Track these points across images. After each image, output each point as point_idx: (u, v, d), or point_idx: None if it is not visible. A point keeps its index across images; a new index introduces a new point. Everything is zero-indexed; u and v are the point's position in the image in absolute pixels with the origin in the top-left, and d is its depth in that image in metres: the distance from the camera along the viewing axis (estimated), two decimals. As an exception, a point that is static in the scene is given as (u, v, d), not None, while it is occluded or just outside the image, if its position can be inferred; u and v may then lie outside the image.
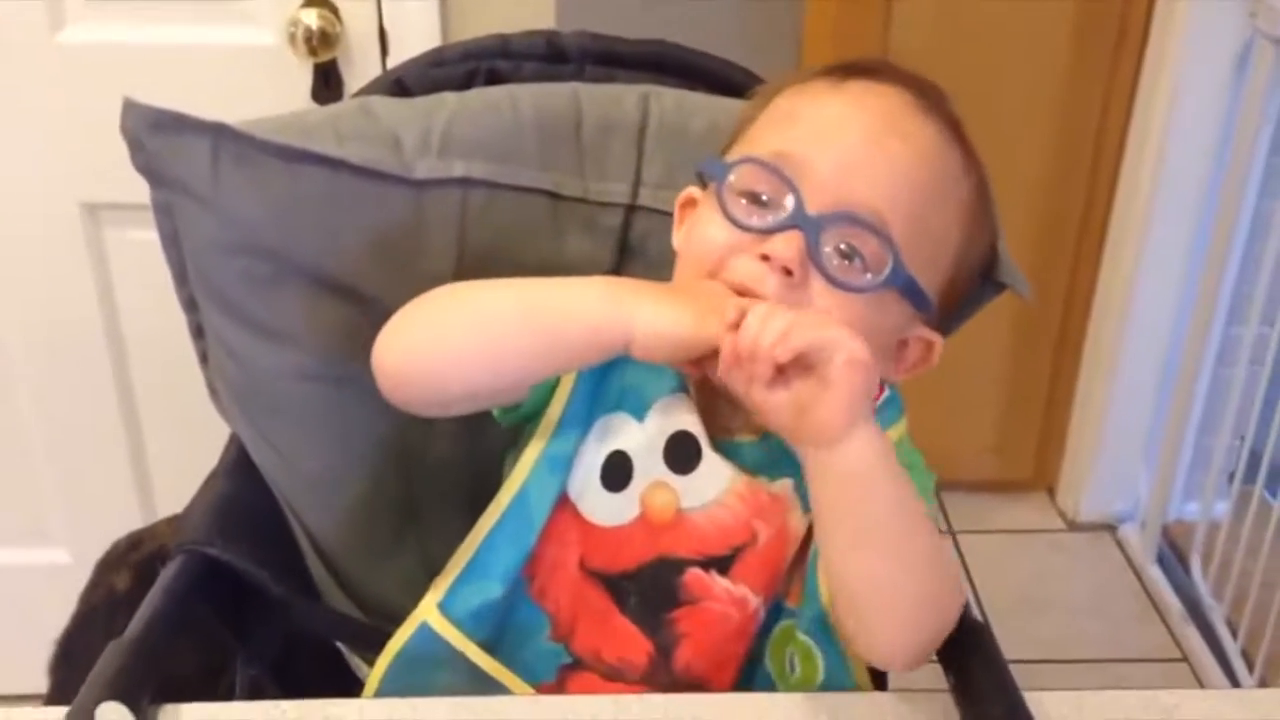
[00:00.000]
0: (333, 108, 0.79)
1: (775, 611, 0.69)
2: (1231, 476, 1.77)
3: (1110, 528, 2.01)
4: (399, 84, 0.81)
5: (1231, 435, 1.77)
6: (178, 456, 1.55)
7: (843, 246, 0.64)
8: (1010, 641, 0.66)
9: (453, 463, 0.77)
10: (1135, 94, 1.83)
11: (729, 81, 0.83)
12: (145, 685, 0.57)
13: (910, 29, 1.81)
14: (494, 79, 0.82)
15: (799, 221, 0.63)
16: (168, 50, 1.36)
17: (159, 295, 1.47)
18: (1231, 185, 1.71)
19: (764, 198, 0.65)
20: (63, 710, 0.57)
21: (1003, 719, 0.60)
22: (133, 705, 0.55)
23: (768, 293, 0.63)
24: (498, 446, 0.73)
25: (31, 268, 1.45)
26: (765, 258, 0.63)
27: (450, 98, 0.78)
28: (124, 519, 1.15)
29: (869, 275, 0.64)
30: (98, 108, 1.35)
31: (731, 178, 0.65)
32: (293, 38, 1.34)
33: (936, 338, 0.71)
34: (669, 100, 0.79)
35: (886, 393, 0.72)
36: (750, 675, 0.70)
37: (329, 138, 0.74)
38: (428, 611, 0.69)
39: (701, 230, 0.67)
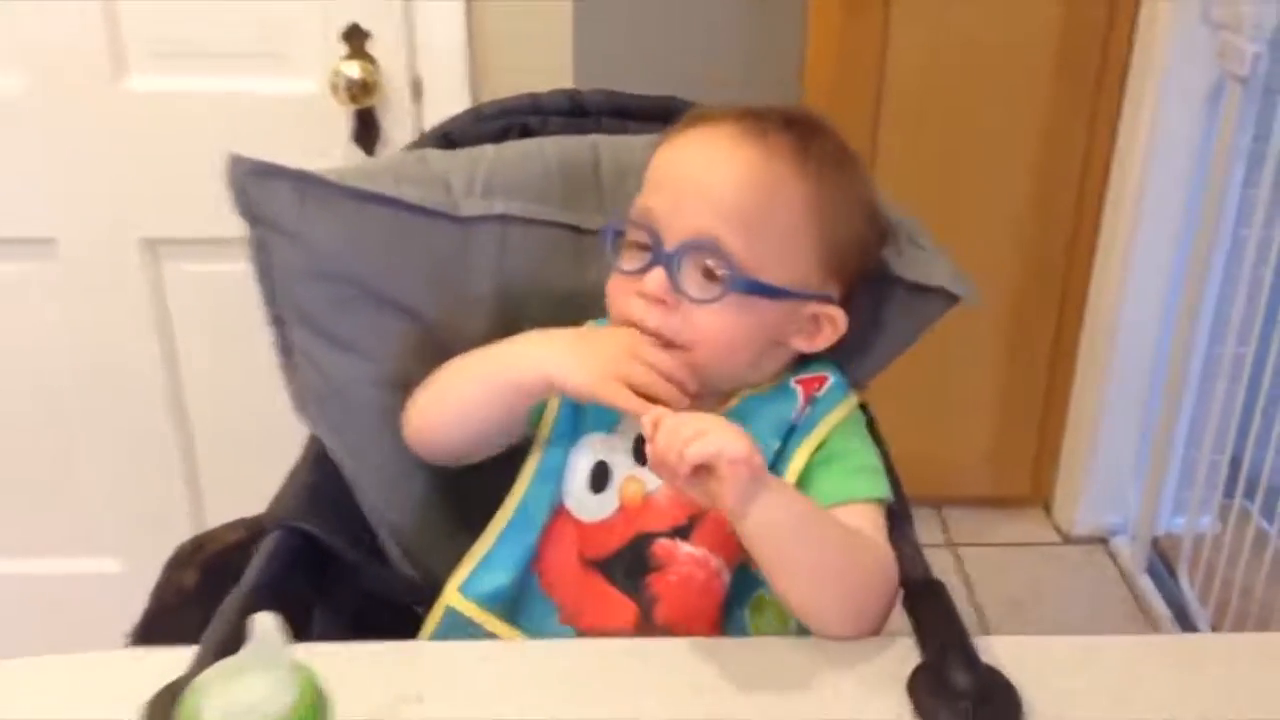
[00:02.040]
0: (393, 157, 0.96)
1: (752, 582, 0.84)
2: (1217, 490, 1.90)
3: (1103, 540, 2.15)
4: (447, 137, 0.98)
5: (1214, 451, 1.91)
6: (226, 472, 1.71)
7: (703, 267, 0.81)
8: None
9: (494, 461, 0.92)
10: (1118, 124, 1.97)
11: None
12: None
13: (906, 56, 1.95)
14: (525, 132, 0.98)
15: (659, 259, 0.81)
16: (222, 97, 1.52)
17: (210, 322, 1.65)
18: (1208, 215, 1.85)
19: (642, 242, 0.83)
20: (190, 650, 0.72)
21: (954, 655, 0.74)
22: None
23: (652, 324, 0.82)
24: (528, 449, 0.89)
25: (94, 297, 1.61)
26: (642, 295, 0.81)
27: (490, 149, 0.95)
28: (174, 530, 1.29)
29: (719, 284, 0.81)
30: (157, 150, 1.54)
31: (632, 235, 0.84)
32: (335, 87, 1.50)
33: (836, 311, 0.86)
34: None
35: (830, 380, 0.87)
36: (731, 632, 0.84)
37: (392, 182, 0.90)
38: (450, 596, 0.85)
39: (610, 284, 0.86)
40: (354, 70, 1.49)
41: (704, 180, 0.82)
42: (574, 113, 0.99)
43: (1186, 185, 1.91)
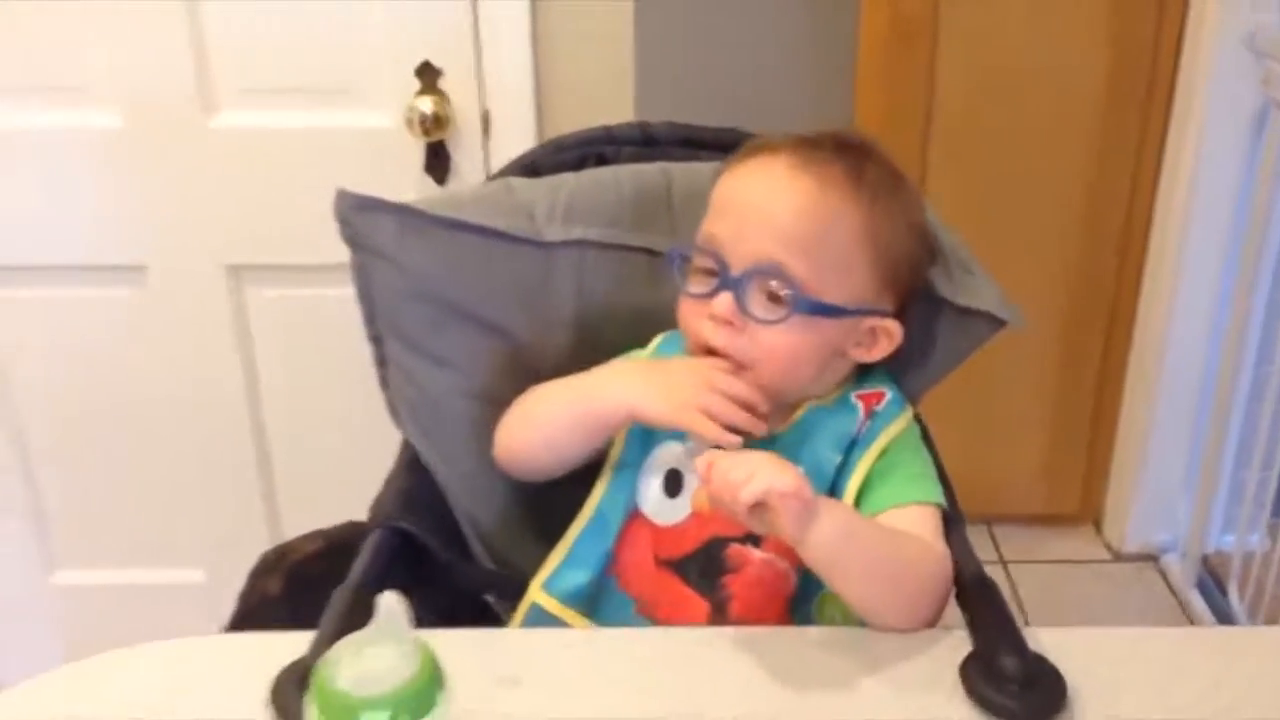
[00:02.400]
0: (481, 187, 1.04)
1: (817, 582, 0.91)
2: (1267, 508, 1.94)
3: (1153, 558, 2.19)
4: (530, 167, 1.07)
5: (1263, 469, 1.95)
6: (301, 488, 1.81)
7: (768, 290, 0.88)
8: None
9: (574, 472, 1.00)
10: (1164, 147, 2.03)
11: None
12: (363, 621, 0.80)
13: (954, 80, 2.03)
14: (601, 161, 1.07)
15: (726, 284, 0.88)
16: (302, 133, 1.62)
17: (288, 344, 1.74)
18: (1254, 236, 1.90)
19: (709, 268, 0.90)
20: (308, 634, 0.81)
21: (1004, 644, 0.81)
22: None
23: (721, 344, 0.89)
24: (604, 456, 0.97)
25: (182, 320, 1.71)
26: (712, 317, 0.89)
27: (569, 177, 1.03)
28: (254, 543, 1.36)
29: (784, 306, 0.88)
30: (242, 182, 1.64)
31: (699, 261, 0.92)
32: (409, 121, 1.60)
33: (892, 324, 0.93)
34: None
35: (888, 396, 0.94)
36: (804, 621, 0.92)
37: (481, 210, 0.99)
38: (535, 593, 0.93)
39: (680, 307, 0.93)
40: (427, 105, 1.59)
41: (765, 208, 0.90)
42: (645, 143, 1.07)
43: (1232, 207, 1.96)
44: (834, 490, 0.91)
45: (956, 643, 0.84)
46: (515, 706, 0.79)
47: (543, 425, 0.95)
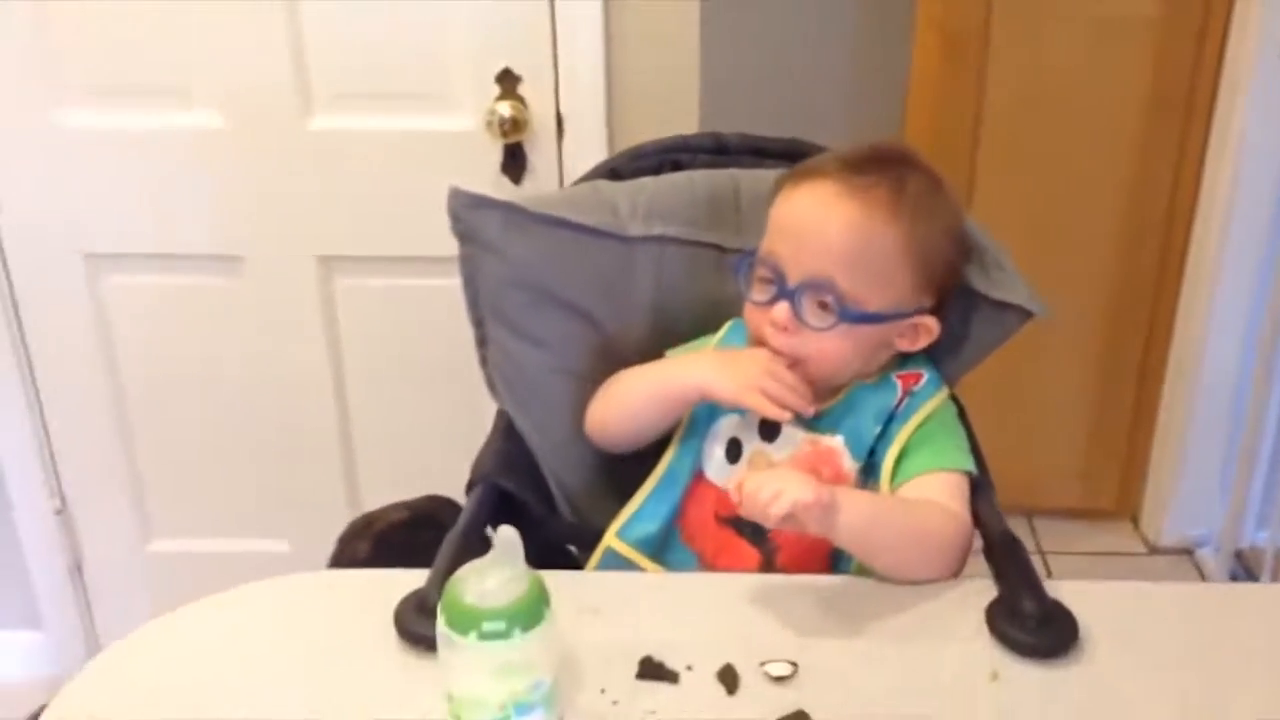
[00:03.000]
0: (572, 188, 1.20)
1: None
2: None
3: (1188, 552, 2.30)
4: (613, 171, 1.22)
5: (1295, 466, 2.07)
6: (380, 465, 1.97)
7: (819, 301, 1.03)
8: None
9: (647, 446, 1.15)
10: (1204, 157, 2.15)
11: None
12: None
13: (1001, 93, 2.16)
14: (676, 166, 1.22)
15: (783, 294, 1.04)
16: (390, 134, 1.78)
17: (372, 330, 1.90)
18: (1289, 242, 2.02)
19: (768, 278, 1.05)
20: (423, 573, 0.96)
21: (1024, 590, 0.95)
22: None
23: (778, 345, 1.04)
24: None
25: (274, 307, 1.87)
26: (772, 323, 1.04)
27: (649, 181, 1.18)
28: (334, 516, 1.51)
29: (831, 315, 1.03)
30: (334, 179, 1.80)
31: (758, 271, 1.07)
32: (489, 124, 1.75)
33: (931, 320, 1.08)
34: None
35: (925, 377, 1.09)
36: (838, 565, 1.06)
37: (574, 209, 1.14)
38: (610, 540, 1.09)
39: (746, 311, 1.09)
40: (506, 109, 1.74)
41: (817, 231, 1.04)
42: (716, 151, 1.22)
43: (1269, 212, 2.08)
44: (873, 456, 1.05)
45: (983, 589, 0.98)
46: (597, 632, 0.94)
47: (628, 403, 1.11)
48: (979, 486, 1.06)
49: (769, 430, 1.08)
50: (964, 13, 2.15)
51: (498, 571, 0.82)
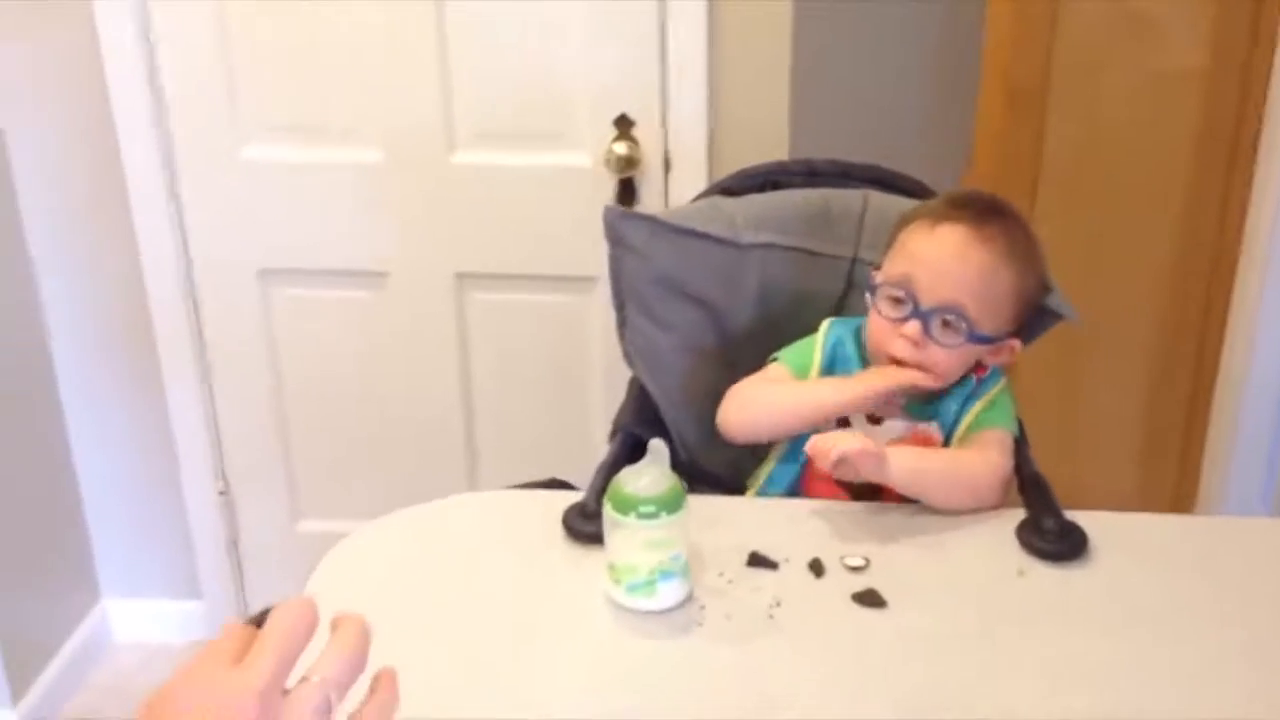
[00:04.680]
0: (696, 204, 1.57)
1: None
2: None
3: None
4: (726, 190, 1.60)
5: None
6: (500, 458, 2.34)
7: (945, 321, 1.35)
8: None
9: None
10: (1249, 200, 2.47)
11: (912, 189, 1.58)
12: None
13: (1061, 141, 2.50)
14: (776, 186, 1.59)
15: (916, 314, 1.36)
16: (522, 168, 2.16)
17: (500, 337, 2.27)
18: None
19: (900, 298, 1.37)
20: (578, 493, 1.32)
21: (1046, 512, 1.28)
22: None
23: (907, 354, 1.34)
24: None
25: (414, 318, 2.26)
26: (904, 336, 1.35)
27: (758, 197, 1.55)
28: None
29: (959, 335, 1.35)
30: (473, 206, 2.18)
31: (885, 290, 1.38)
32: (606, 161, 2.13)
33: (1017, 343, 1.41)
34: (877, 199, 1.54)
35: (990, 370, 1.41)
36: None
37: (698, 220, 1.51)
38: (752, 495, 1.44)
39: (872, 320, 1.40)
40: (621, 149, 2.12)
41: (954, 268, 1.35)
42: (809, 174, 1.59)
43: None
44: (955, 423, 1.40)
45: (1015, 515, 1.32)
46: (717, 536, 1.29)
47: (782, 421, 1.42)
48: (1020, 444, 1.41)
49: (875, 419, 1.42)
50: (1027, 65, 2.50)
51: (650, 471, 1.18)
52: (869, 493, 1.38)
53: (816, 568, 1.25)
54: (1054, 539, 1.27)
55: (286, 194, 2.20)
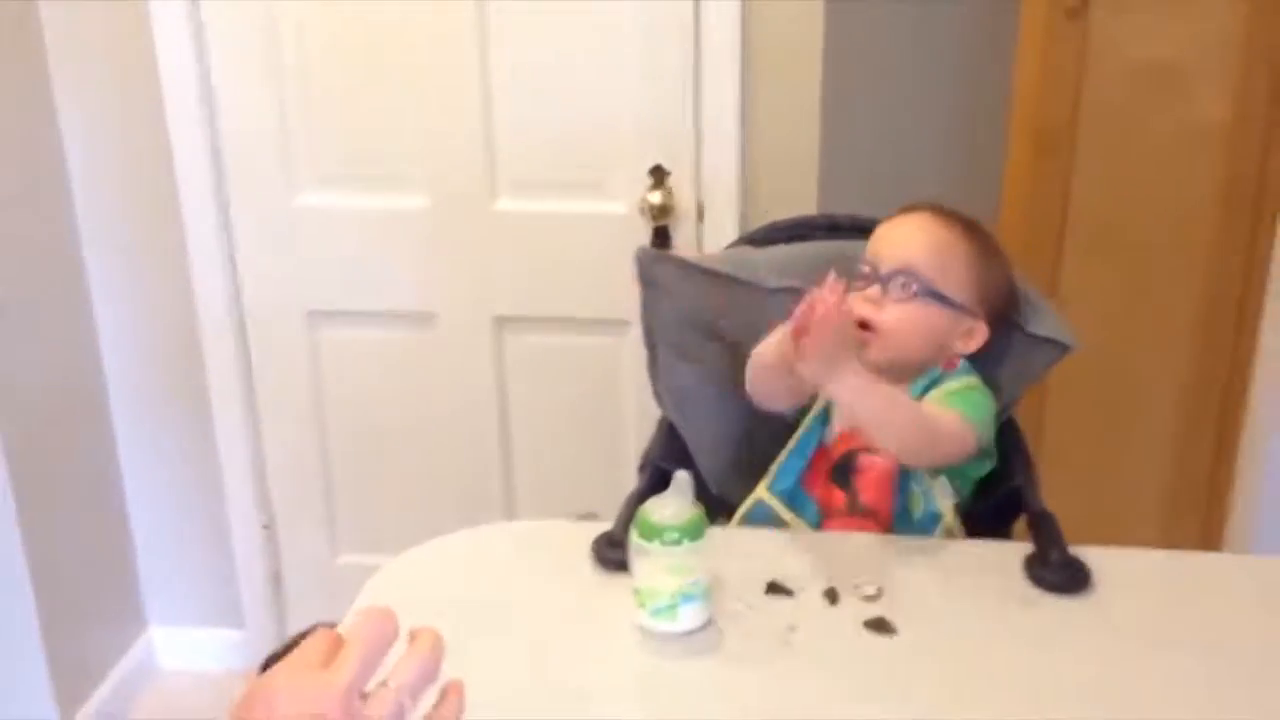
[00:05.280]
0: (725, 252, 1.68)
1: (907, 478, 1.46)
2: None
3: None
4: (752, 240, 1.70)
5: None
6: (537, 494, 2.44)
7: (902, 282, 1.46)
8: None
9: (771, 437, 1.58)
10: (1272, 251, 2.54)
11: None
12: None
13: (1088, 191, 2.58)
14: (800, 238, 1.68)
15: (876, 279, 1.47)
16: (561, 215, 2.28)
17: (536, 377, 2.37)
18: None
19: (866, 273, 1.48)
20: (605, 524, 1.41)
21: (1052, 547, 1.36)
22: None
23: (867, 314, 1.45)
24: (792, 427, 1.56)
25: (458, 356, 2.37)
26: (864, 297, 1.47)
27: (782, 248, 1.65)
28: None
29: (911, 290, 1.45)
30: (513, 251, 2.29)
31: (861, 269, 1.50)
32: (642, 210, 2.24)
33: (983, 327, 1.49)
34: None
35: (960, 364, 1.50)
36: (901, 507, 1.47)
37: (726, 265, 1.61)
38: (761, 492, 1.52)
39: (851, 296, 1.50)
40: (656, 198, 2.23)
41: (908, 236, 1.50)
42: (831, 227, 1.69)
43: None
44: None
45: (1022, 549, 1.41)
46: (737, 565, 1.38)
47: (751, 369, 1.52)
48: (1022, 476, 1.49)
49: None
50: (1055, 112, 2.59)
51: (674, 501, 1.27)
52: (848, 475, 1.49)
53: (831, 596, 1.34)
54: (1059, 571, 1.35)
55: (334, 239, 2.33)
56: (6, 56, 2.16)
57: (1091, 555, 1.38)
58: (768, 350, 1.48)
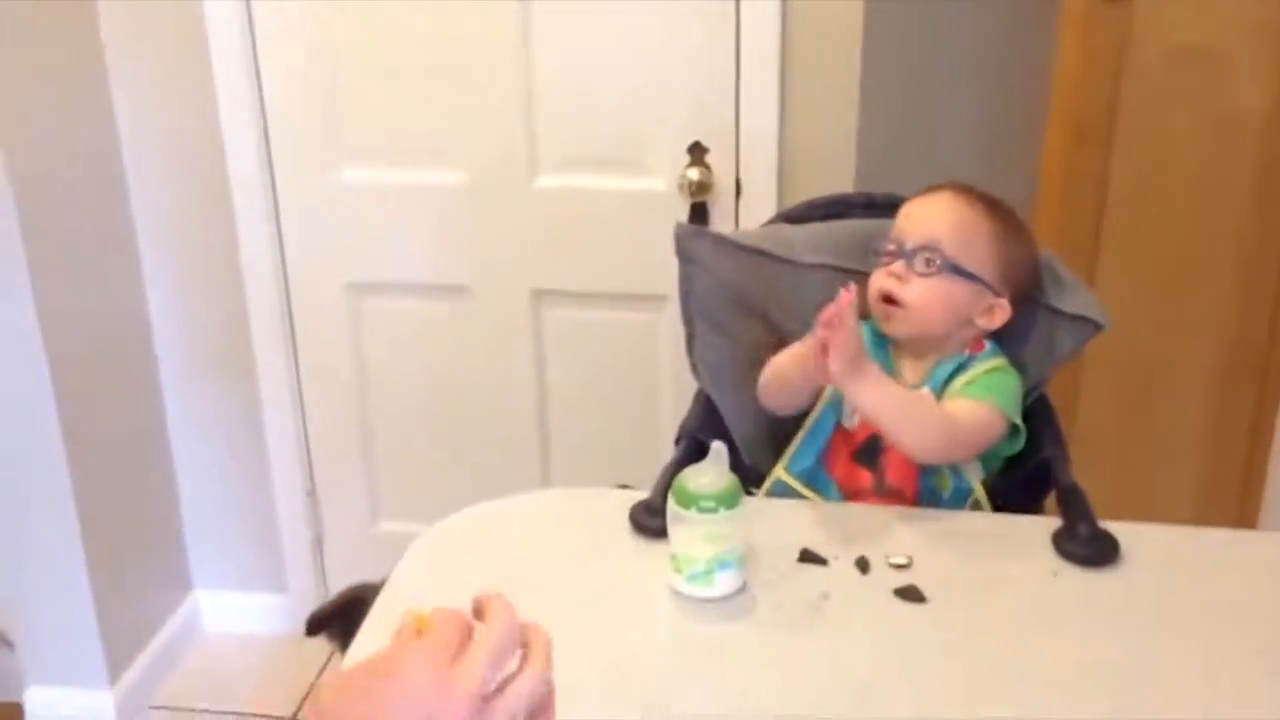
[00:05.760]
0: (763, 228, 1.70)
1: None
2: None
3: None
4: (789, 217, 1.72)
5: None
6: (571, 466, 2.47)
7: (926, 258, 1.48)
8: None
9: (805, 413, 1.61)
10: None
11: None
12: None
13: (1125, 180, 2.59)
14: (836, 215, 1.70)
15: (901, 254, 1.50)
16: (600, 192, 2.30)
17: (574, 352, 2.40)
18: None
19: (891, 250, 1.51)
20: (634, 494, 1.44)
21: (1080, 520, 1.38)
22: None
23: (892, 288, 1.48)
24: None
25: (493, 330, 2.40)
26: (889, 272, 1.50)
27: (817, 225, 1.67)
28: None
29: (935, 265, 1.47)
30: (552, 227, 2.32)
31: (887, 246, 1.52)
32: (681, 186, 2.26)
33: (1006, 303, 1.51)
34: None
35: (987, 347, 1.52)
36: (928, 486, 1.50)
37: (763, 241, 1.63)
38: (778, 472, 1.55)
39: (873, 273, 1.53)
40: (695, 175, 2.24)
41: (932, 213, 1.52)
42: (869, 205, 1.70)
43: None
44: (939, 395, 1.50)
45: (1051, 523, 1.42)
46: (770, 535, 1.40)
47: (768, 378, 1.56)
48: (1052, 450, 1.51)
49: None
50: (1094, 102, 2.60)
51: (711, 469, 1.30)
52: (874, 456, 1.51)
53: (862, 565, 1.36)
54: (1087, 544, 1.37)
55: (375, 213, 2.37)
56: (64, 37, 2.21)
57: (1120, 530, 1.40)
58: (786, 361, 1.53)
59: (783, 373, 1.54)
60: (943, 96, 2.50)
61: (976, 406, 1.47)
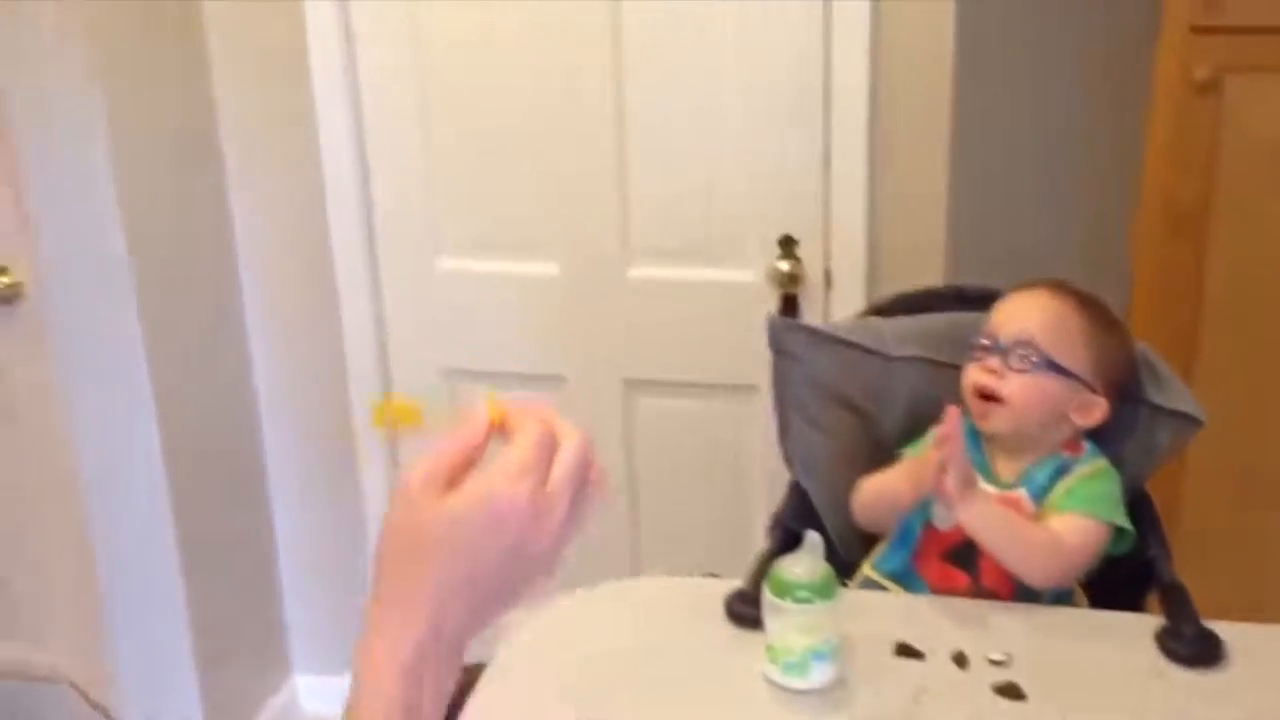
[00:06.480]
0: (853, 320, 1.70)
1: None
2: None
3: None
4: (879, 310, 1.72)
5: None
6: (662, 547, 2.46)
7: (1021, 354, 1.47)
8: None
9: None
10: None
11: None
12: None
13: (1222, 265, 2.53)
14: (928, 309, 1.70)
15: (996, 350, 1.49)
16: (692, 283, 2.33)
17: (665, 439, 2.41)
18: None
19: (986, 345, 1.50)
20: (736, 581, 1.44)
21: (1185, 619, 1.35)
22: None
23: (987, 383, 1.48)
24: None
25: (587, 419, 2.42)
26: (984, 368, 1.49)
27: (905, 319, 1.68)
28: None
29: (1031, 361, 1.46)
30: (643, 317, 2.34)
31: (982, 341, 1.52)
32: (771, 278, 2.27)
33: (1102, 400, 1.50)
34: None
35: (1086, 448, 1.51)
36: (1025, 590, 1.47)
37: (853, 333, 1.64)
38: (867, 569, 1.54)
39: (966, 366, 1.53)
40: (785, 266, 2.26)
41: (1026, 310, 1.52)
42: (959, 299, 1.70)
43: None
44: (1045, 494, 1.48)
45: (1155, 622, 1.39)
46: (866, 626, 1.39)
47: (865, 499, 1.57)
48: (1155, 548, 1.48)
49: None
50: (1187, 193, 2.56)
51: (806, 560, 1.30)
52: (970, 559, 1.48)
53: (960, 660, 1.34)
54: (1191, 643, 1.33)
55: (472, 300, 2.43)
56: (183, 130, 2.31)
57: (1225, 630, 1.37)
58: (889, 482, 1.54)
59: (887, 492, 1.54)
60: (1033, 193, 2.50)
61: (1081, 522, 1.45)
